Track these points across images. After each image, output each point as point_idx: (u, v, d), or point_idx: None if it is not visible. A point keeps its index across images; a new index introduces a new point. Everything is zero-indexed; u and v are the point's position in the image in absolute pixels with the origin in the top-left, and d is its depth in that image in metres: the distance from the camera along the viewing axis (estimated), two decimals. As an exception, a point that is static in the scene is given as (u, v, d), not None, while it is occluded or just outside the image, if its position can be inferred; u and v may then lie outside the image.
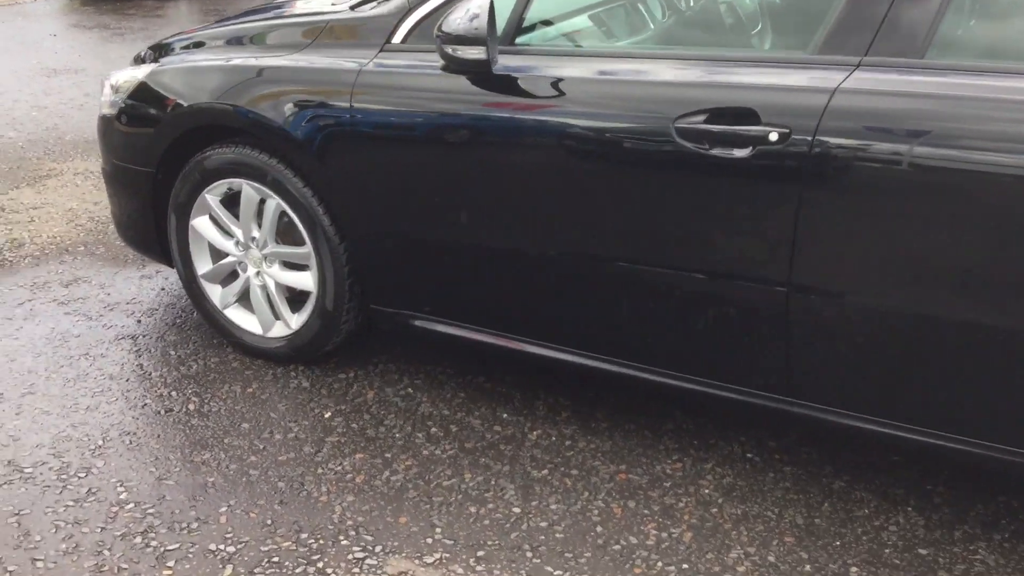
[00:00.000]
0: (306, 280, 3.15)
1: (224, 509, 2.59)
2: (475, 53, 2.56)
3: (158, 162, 3.29)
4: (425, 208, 2.82)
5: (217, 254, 3.36)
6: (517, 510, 2.57)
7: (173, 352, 3.41)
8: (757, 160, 2.30)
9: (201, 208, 3.27)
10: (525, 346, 2.85)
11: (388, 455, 2.81)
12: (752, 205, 2.34)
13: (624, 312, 2.61)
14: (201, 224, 3.30)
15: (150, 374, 3.26)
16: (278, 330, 3.28)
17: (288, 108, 2.94)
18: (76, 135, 6.21)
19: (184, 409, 3.06)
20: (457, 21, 2.56)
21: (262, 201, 3.14)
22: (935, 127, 2.14)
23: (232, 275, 3.34)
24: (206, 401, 3.10)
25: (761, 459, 2.77)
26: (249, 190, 3.13)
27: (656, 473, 2.71)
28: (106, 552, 2.42)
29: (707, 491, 2.63)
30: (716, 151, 2.34)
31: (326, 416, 3.02)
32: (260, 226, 3.18)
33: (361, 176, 2.88)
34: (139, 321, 3.64)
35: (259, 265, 3.24)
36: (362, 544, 2.45)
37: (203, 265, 3.37)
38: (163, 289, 3.92)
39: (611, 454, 2.80)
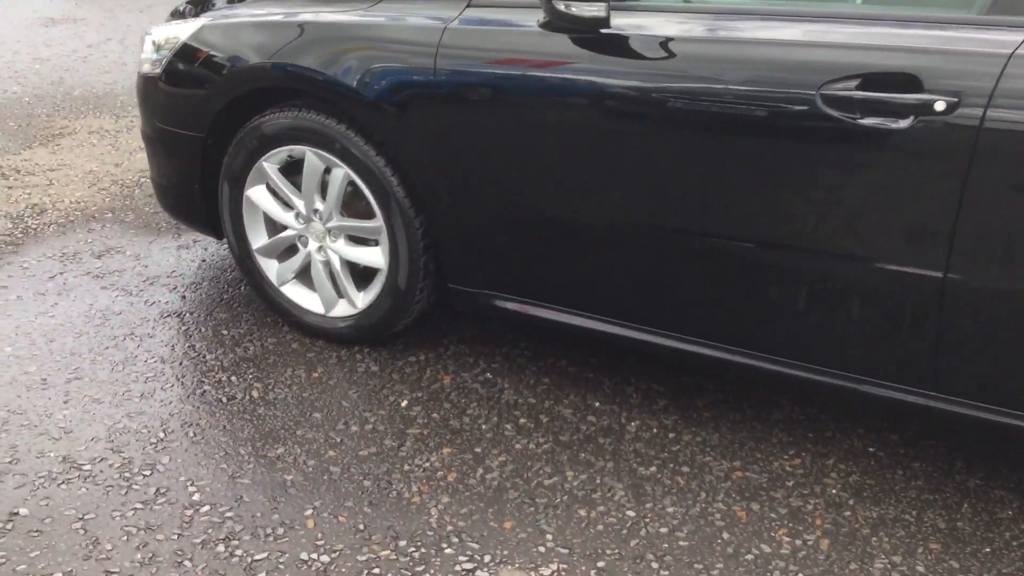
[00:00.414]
0: (375, 256, 2.91)
1: (310, 512, 2.36)
2: (593, 10, 2.29)
3: (209, 127, 3.01)
4: (517, 179, 2.58)
5: (274, 227, 3.10)
6: (631, 513, 2.35)
7: (226, 332, 3.16)
8: (918, 132, 2.06)
9: (257, 177, 3.01)
10: (627, 331, 2.62)
11: (478, 450, 2.59)
12: (909, 182, 2.11)
13: (752, 298, 2.38)
14: (257, 194, 3.03)
15: (204, 357, 3.02)
16: (342, 309, 3.04)
17: (361, 69, 2.67)
18: (84, 90, 5.89)
19: (247, 396, 2.82)
20: (573, -27, 2.30)
21: (327, 170, 2.88)
22: None
23: (290, 250, 3.09)
24: (270, 388, 2.86)
25: (885, 454, 2.56)
26: (313, 158, 2.87)
27: (775, 471, 2.50)
28: (187, 563, 2.19)
29: (834, 491, 2.43)
30: (868, 121, 2.09)
31: (403, 405, 2.79)
32: (324, 197, 2.92)
33: (445, 144, 2.62)
34: (183, 297, 3.38)
35: (322, 240, 2.98)
36: (468, 553, 2.23)
37: (258, 239, 3.11)
38: (204, 261, 3.66)
39: (721, 448, 2.58)
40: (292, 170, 2.98)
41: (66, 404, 2.77)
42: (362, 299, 2.99)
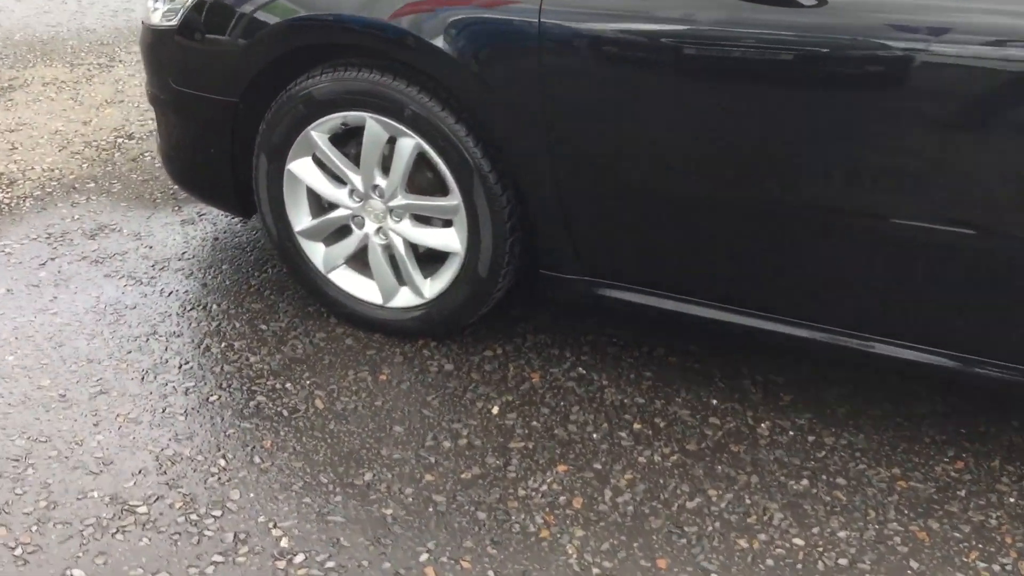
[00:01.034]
0: (448, 239, 2.51)
1: (425, 557, 2.00)
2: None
3: (244, 90, 2.56)
4: (644, 149, 2.20)
5: (319, 206, 2.68)
6: (799, 542, 2.04)
7: (265, 327, 2.74)
8: None
9: (303, 148, 2.57)
10: (767, 324, 2.28)
11: (598, 466, 2.25)
12: None
13: (920, 284, 2.07)
14: (302, 168, 2.60)
15: (247, 359, 2.60)
16: (405, 299, 2.64)
17: (445, 22, 2.25)
18: (26, 34, 5.27)
19: (311, 408, 2.42)
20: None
21: (390, 141, 2.46)
22: None
23: (340, 232, 2.67)
24: (334, 396, 2.47)
25: (1055, 452, 2.30)
26: (375, 127, 2.45)
27: (940, 478, 2.21)
28: (297, 635, 1.82)
29: (1011, 499, 2.15)
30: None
31: (494, 412, 2.42)
32: (385, 172, 2.50)
33: (549, 110, 2.22)
34: (204, 284, 2.94)
35: (382, 220, 2.57)
36: (628, 603, 1.90)
37: (301, 219, 2.68)
38: (216, 239, 3.20)
39: (871, 452, 2.29)
40: (341, 141, 2.55)
41: (97, 427, 2.34)
42: (430, 287, 2.59)
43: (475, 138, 2.37)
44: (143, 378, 2.51)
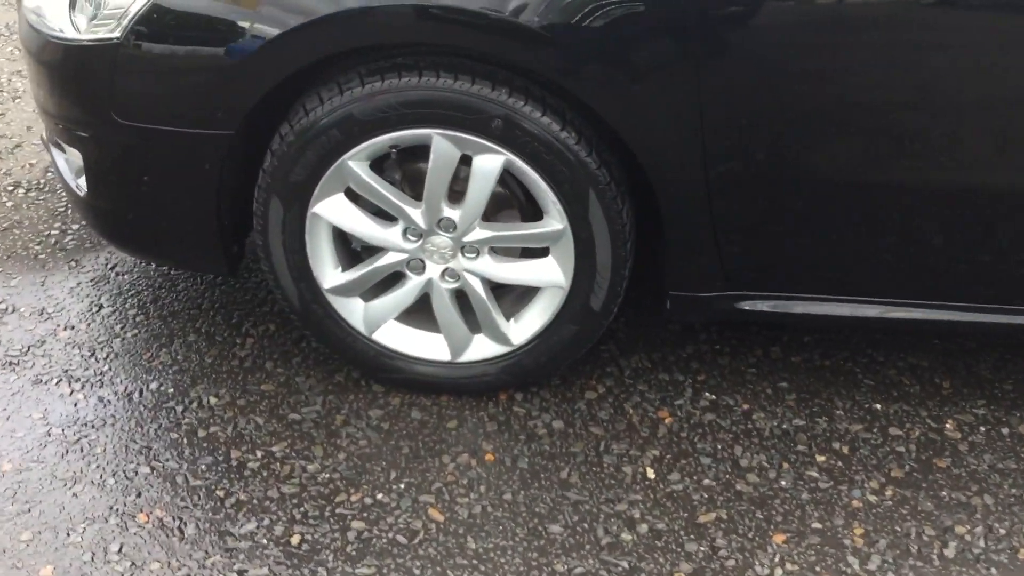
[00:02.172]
0: (548, 272, 1.98)
1: None
2: None
3: (245, 117, 1.86)
4: (825, 135, 1.78)
5: (349, 253, 2.05)
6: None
7: (298, 416, 2.09)
8: None
9: (334, 183, 1.93)
10: (925, 312, 1.96)
11: (816, 524, 1.85)
12: None
13: None
14: (333, 209, 1.95)
15: (304, 470, 1.96)
16: (481, 350, 2.09)
17: (559, 4, 1.69)
18: None
19: (430, 524, 1.85)
20: None
21: (463, 162, 1.88)
22: None
23: (387, 281, 2.06)
24: (447, 499, 1.90)
25: None
26: (445, 145, 1.85)
27: None
28: None
29: None
30: None
31: (651, 476, 1.96)
32: (451, 200, 1.92)
33: (711, 99, 1.73)
34: (179, 370, 2.22)
35: (449, 260, 1.99)
36: None
37: (329, 273, 2.04)
38: (155, 298, 2.44)
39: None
40: (375, 168, 1.94)
41: (161, 625, 1.67)
42: (518, 331, 2.06)
43: (588, 147, 1.84)
44: (190, 542, 1.83)
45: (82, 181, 2.09)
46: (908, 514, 1.88)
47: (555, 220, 1.91)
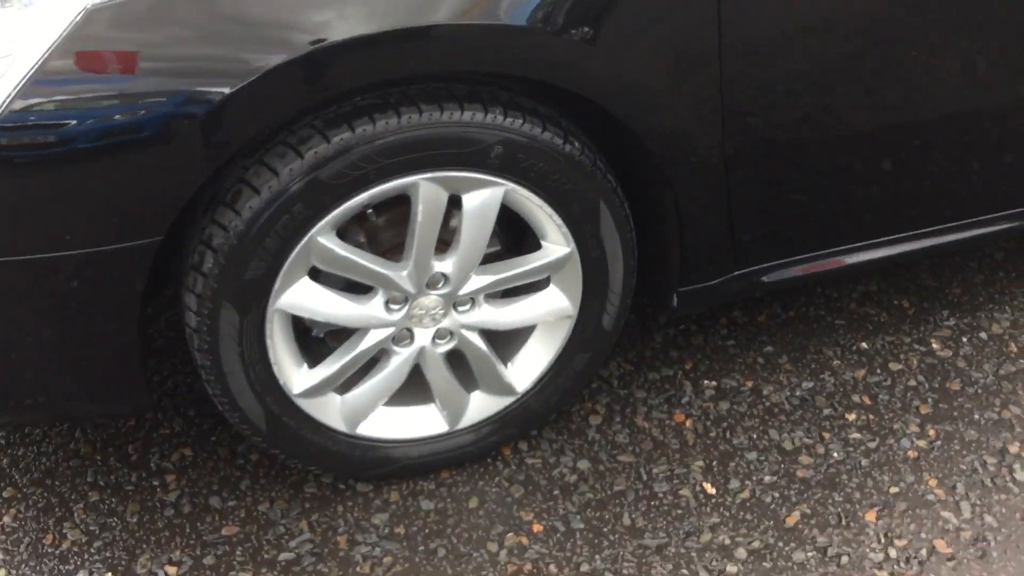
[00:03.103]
0: (555, 303, 1.71)
1: None
2: None
3: (176, 218, 1.41)
4: (833, 89, 1.66)
5: (307, 346, 1.66)
6: None
7: (321, 565, 1.68)
8: None
9: (298, 268, 1.52)
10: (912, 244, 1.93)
11: (889, 491, 1.77)
12: None
13: None
14: (300, 298, 1.55)
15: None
16: (481, 408, 1.79)
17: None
18: None
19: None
20: None
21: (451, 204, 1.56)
22: None
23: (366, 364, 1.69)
24: (528, 594, 1.62)
25: None
26: (433, 190, 1.51)
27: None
28: None
29: None
30: None
31: (712, 492, 1.78)
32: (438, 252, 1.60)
33: (732, 74, 1.54)
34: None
35: (440, 319, 1.66)
36: None
37: (299, 376, 1.63)
38: (13, 466, 1.87)
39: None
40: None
41: None
42: (521, 377, 1.78)
43: (591, 155, 1.58)
44: None
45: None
46: (962, 448, 1.85)
47: (559, 245, 1.64)
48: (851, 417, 1.92)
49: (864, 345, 2.07)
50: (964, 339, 2.08)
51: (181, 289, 1.54)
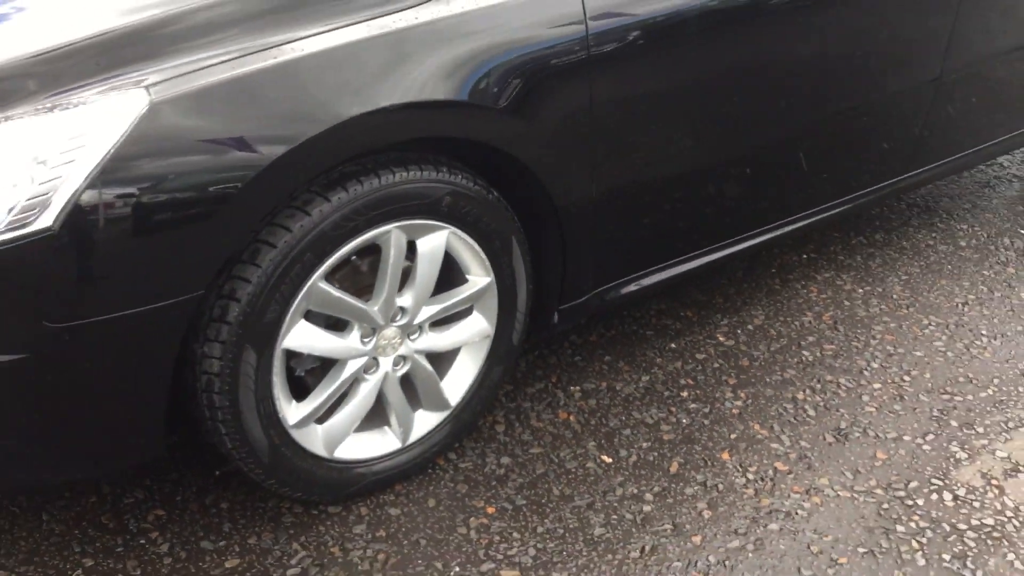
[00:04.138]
0: (478, 325, 2.14)
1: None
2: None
3: (217, 271, 1.70)
4: (676, 136, 2.27)
5: (290, 379, 1.96)
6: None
7: (328, 573, 1.93)
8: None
9: (299, 311, 1.85)
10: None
11: (744, 434, 2.35)
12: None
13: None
14: (301, 337, 1.87)
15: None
16: (424, 424, 2.16)
17: (488, 73, 1.89)
18: None
19: (518, 582, 1.94)
20: None
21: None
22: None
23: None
24: None
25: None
26: (400, 238, 1.92)
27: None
28: None
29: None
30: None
31: (607, 461, 2.26)
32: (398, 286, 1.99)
33: (601, 126, 2.08)
34: (117, 597, 1.86)
35: (398, 347, 2.03)
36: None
37: (290, 408, 1.93)
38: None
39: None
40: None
41: None
42: (454, 392, 2.18)
43: (503, 202, 2.06)
44: None
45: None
46: (766, 402, 2.47)
47: (482, 276, 2.08)
48: (684, 394, 2.49)
49: (673, 345, 2.67)
50: (738, 331, 2.74)
51: (194, 344, 1.79)
